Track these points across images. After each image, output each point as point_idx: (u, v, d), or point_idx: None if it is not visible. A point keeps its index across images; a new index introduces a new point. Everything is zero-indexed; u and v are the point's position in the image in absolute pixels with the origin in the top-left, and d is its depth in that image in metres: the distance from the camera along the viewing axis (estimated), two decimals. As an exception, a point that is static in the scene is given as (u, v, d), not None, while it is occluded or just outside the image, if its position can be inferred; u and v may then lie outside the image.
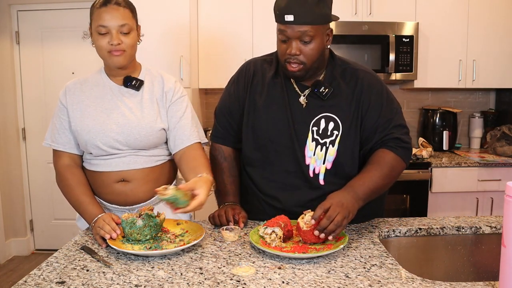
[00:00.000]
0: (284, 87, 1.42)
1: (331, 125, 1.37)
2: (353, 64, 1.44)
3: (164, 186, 1.18)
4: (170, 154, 1.53)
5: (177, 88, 1.50)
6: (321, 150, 1.37)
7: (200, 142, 1.50)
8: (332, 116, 1.37)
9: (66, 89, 1.47)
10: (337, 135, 1.36)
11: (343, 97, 1.38)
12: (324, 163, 1.37)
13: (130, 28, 1.37)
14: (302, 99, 1.39)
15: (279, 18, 1.28)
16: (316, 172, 1.38)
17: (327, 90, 1.36)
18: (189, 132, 1.47)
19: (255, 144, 1.44)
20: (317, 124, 1.37)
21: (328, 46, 1.36)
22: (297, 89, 1.41)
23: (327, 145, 1.36)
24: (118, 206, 1.46)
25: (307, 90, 1.40)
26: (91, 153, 1.44)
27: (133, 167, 1.43)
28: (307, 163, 1.38)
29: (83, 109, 1.43)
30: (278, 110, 1.40)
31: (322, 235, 1.13)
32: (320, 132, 1.37)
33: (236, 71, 1.55)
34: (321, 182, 1.38)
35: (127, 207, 1.47)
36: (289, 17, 1.25)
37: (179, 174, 1.61)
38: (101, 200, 1.47)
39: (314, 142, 1.37)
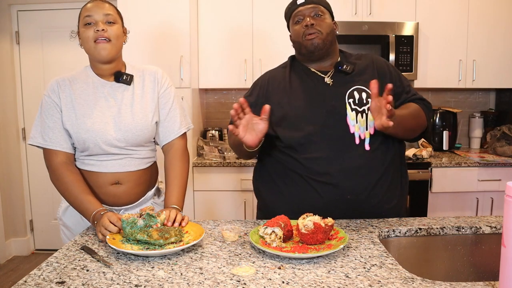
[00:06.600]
0: (305, 76, 1.51)
1: (364, 94, 1.45)
2: (359, 53, 1.61)
3: (149, 207, 1.25)
4: (155, 155, 1.58)
5: (164, 78, 1.55)
6: (362, 117, 1.43)
7: (185, 133, 1.57)
8: (362, 88, 1.45)
9: (56, 85, 1.43)
10: None
11: (365, 72, 1.49)
12: (367, 129, 1.43)
13: (114, 19, 1.42)
14: (327, 79, 1.48)
15: (293, 5, 1.51)
16: (362, 138, 1.42)
17: (349, 66, 1.49)
18: (179, 123, 1.54)
19: (297, 134, 1.44)
20: (352, 96, 1.45)
21: (337, 32, 1.55)
22: (319, 74, 1.50)
23: (366, 112, 1.43)
24: (108, 206, 1.47)
25: (330, 72, 1.50)
26: (85, 151, 1.43)
27: (127, 169, 1.45)
28: (351, 131, 1.42)
29: (76, 108, 1.42)
30: (307, 96, 1.47)
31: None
32: (357, 101, 1.44)
33: (251, 85, 1.62)
34: (367, 147, 1.42)
35: (117, 207, 1.49)
36: (301, 0, 1.48)
37: (159, 178, 1.67)
38: None
39: (354, 112, 1.43)
